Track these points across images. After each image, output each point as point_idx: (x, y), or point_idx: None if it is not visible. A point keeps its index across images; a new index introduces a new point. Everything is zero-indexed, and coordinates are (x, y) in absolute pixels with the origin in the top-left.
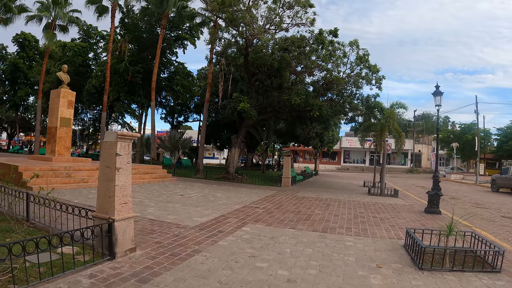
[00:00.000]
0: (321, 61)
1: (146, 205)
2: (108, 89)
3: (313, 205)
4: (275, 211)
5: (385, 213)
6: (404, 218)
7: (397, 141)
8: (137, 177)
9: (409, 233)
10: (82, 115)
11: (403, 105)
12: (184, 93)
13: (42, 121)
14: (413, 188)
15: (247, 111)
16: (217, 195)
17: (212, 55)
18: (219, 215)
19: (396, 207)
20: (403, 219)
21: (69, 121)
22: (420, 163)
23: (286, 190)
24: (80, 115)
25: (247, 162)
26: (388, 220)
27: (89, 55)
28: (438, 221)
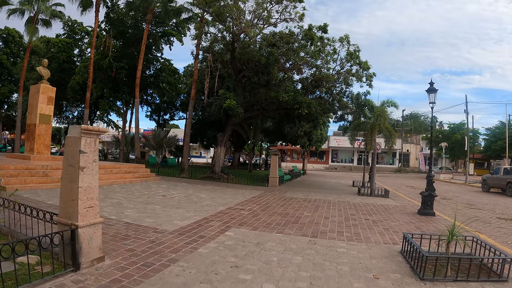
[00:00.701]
0: (310, 58)
1: (124, 206)
2: (92, 86)
3: (301, 206)
4: (261, 213)
5: (377, 214)
6: (397, 220)
7: (387, 140)
8: (119, 176)
9: (407, 238)
10: (67, 112)
11: (394, 103)
12: (170, 90)
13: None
14: (403, 188)
15: (233, 109)
16: (201, 195)
17: (198, 51)
18: (201, 218)
19: (388, 208)
20: (396, 222)
21: (49, 118)
22: (408, 162)
23: (274, 190)
24: (65, 113)
25: (234, 161)
26: (381, 223)
27: (74, 51)
28: (433, 223)
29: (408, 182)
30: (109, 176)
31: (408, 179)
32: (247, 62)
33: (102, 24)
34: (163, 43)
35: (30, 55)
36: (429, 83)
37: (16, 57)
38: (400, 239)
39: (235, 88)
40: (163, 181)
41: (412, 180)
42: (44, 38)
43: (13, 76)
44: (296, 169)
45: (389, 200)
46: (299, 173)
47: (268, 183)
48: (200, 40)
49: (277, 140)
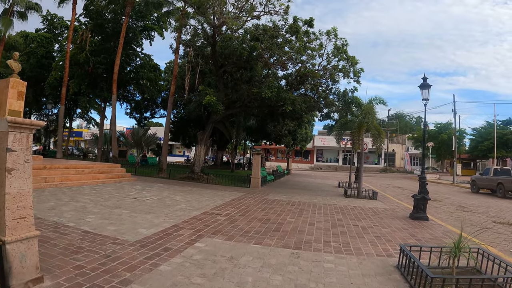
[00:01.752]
0: (294, 53)
1: (88, 211)
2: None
3: (284, 210)
4: (239, 218)
5: (366, 220)
6: (389, 226)
7: (376, 140)
8: (90, 176)
9: (405, 252)
10: (46, 110)
11: (382, 100)
12: (150, 87)
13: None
14: (390, 189)
15: (213, 105)
16: (176, 198)
17: (178, 45)
18: (171, 224)
19: (377, 212)
20: (388, 228)
21: (19, 113)
22: (393, 162)
23: (255, 192)
24: (45, 110)
25: (216, 160)
26: (371, 229)
27: (54, 46)
28: (427, 229)
29: (395, 183)
30: (79, 176)
31: (394, 179)
32: (229, 56)
33: (81, 17)
34: (144, 38)
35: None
36: (422, 78)
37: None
38: (394, 249)
39: (216, 85)
40: (139, 181)
41: (398, 180)
42: (23, 32)
43: None
44: (280, 168)
45: (378, 202)
46: (283, 173)
47: (250, 184)
48: (180, 33)
49: (260, 139)
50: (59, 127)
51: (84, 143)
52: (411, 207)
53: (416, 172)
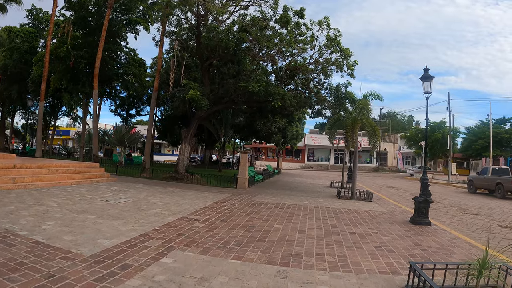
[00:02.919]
0: (284, 46)
1: (49, 217)
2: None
3: (272, 214)
4: (220, 225)
5: (363, 225)
6: (389, 233)
7: (371, 137)
8: (65, 177)
9: (416, 271)
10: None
11: (378, 95)
12: (135, 83)
13: None
14: (385, 189)
15: (197, 100)
16: (153, 200)
17: (163, 37)
18: (139, 234)
19: (374, 216)
20: (388, 235)
21: None
22: (386, 161)
23: (242, 193)
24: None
25: (205, 159)
26: (370, 237)
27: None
28: (432, 236)
29: (389, 182)
30: (53, 176)
31: (387, 178)
32: (215, 48)
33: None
34: (129, 32)
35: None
36: (424, 69)
37: None
38: (399, 263)
39: (202, 79)
40: (119, 182)
41: (391, 180)
42: (6, 27)
43: None
44: (270, 168)
45: (374, 204)
46: (273, 173)
47: (236, 184)
48: (165, 25)
49: (249, 137)
50: (39, 124)
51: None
52: (410, 210)
53: (409, 172)
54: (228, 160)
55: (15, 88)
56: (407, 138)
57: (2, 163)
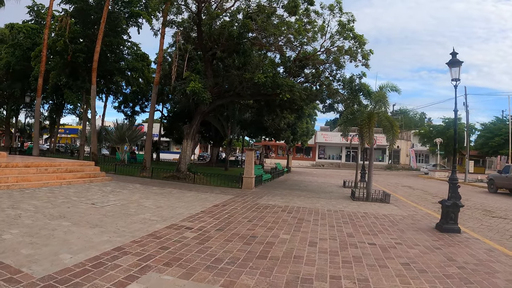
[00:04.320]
0: (293, 35)
1: (17, 223)
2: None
3: (278, 221)
4: (214, 235)
5: (384, 234)
6: (415, 245)
7: (388, 133)
8: (54, 176)
9: None
10: None
11: (395, 87)
12: (138, 78)
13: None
14: (400, 189)
15: (198, 93)
16: (145, 203)
17: (164, 29)
18: (114, 247)
19: (395, 222)
20: (415, 247)
21: None
22: (398, 159)
23: (247, 194)
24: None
25: (212, 157)
26: (394, 251)
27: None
28: (465, 248)
29: (403, 181)
30: (40, 176)
31: (401, 177)
32: (217, 37)
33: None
34: (131, 25)
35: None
36: (451, 53)
37: None
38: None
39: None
40: (114, 182)
41: (406, 178)
42: (9, 24)
43: None
44: (280, 166)
45: (391, 207)
46: (282, 171)
47: (242, 184)
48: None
49: (256, 134)
50: (35, 122)
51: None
52: (433, 213)
53: (423, 170)
54: (236, 158)
55: (18, 85)
56: (421, 135)
57: None
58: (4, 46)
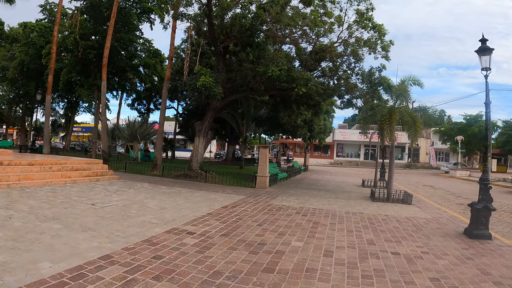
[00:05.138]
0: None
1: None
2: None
3: (290, 225)
4: (218, 242)
5: (408, 240)
6: (444, 254)
7: (410, 129)
8: (59, 175)
9: None
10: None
11: (417, 80)
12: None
13: None
14: (421, 188)
15: (209, 88)
16: (149, 204)
17: (175, 23)
18: (101, 254)
19: (419, 226)
20: (444, 257)
21: None
22: (418, 158)
23: (260, 194)
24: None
25: (227, 156)
26: (421, 262)
27: None
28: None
29: (424, 180)
30: (44, 175)
31: (421, 176)
32: (230, 29)
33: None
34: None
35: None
36: (480, 40)
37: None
38: None
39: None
40: (122, 180)
41: (426, 177)
42: (22, 23)
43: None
44: (297, 164)
45: (414, 208)
46: (299, 170)
47: (255, 183)
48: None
49: (272, 131)
50: (46, 119)
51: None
52: (458, 216)
53: (443, 169)
54: (253, 156)
55: (33, 84)
56: (441, 133)
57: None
58: (18, 45)
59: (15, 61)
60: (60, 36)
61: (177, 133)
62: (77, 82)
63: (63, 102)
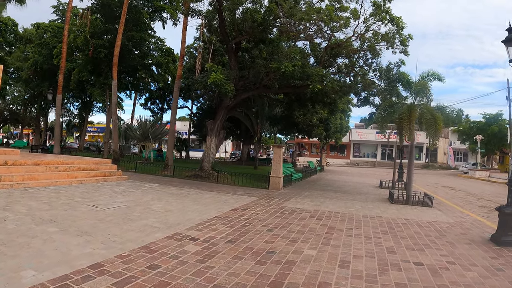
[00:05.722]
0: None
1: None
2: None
3: (303, 230)
4: (222, 250)
5: (431, 248)
6: (472, 265)
7: (430, 128)
8: (65, 175)
9: None
10: (68, 105)
11: (438, 75)
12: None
13: None
14: (441, 190)
15: (220, 85)
16: (154, 206)
17: (187, 20)
18: (92, 263)
19: (442, 231)
20: (471, 268)
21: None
22: (435, 157)
23: (273, 196)
24: (66, 105)
25: (242, 156)
26: (447, 274)
27: None
28: None
29: (443, 181)
30: (50, 175)
31: (439, 176)
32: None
33: None
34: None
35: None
36: (507, 29)
37: (11, 46)
38: None
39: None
40: (131, 181)
41: (445, 178)
42: (35, 24)
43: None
44: (312, 165)
45: (435, 211)
46: (314, 170)
47: (269, 184)
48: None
49: (287, 130)
50: (56, 119)
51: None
52: (483, 220)
53: (462, 169)
54: (268, 156)
55: (46, 84)
56: (460, 132)
57: None
58: (31, 46)
59: (29, 62)
60: (71, 35)
61: (191, 133)
62: (89, 81)
63: (77, 102)
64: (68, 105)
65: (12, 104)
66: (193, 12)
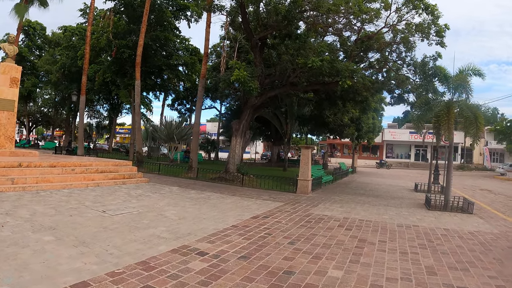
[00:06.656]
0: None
1: None
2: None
3: (330, 243)
4: (232, 269)
5: (477, 268)
6: None
7: (470, 126)
8: (81, 177)
9: None
10: (98, 106)
11: (478, 70)
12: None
13: None
14: (479, 193)
15: (244, 83)
16: (167, 213)
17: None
18: (78, 281)
19: (487, 244)
20: None
21: (12, 103)
22: (471, 158)
23: (300, 201)
24: (96, 107)
25: (272, 157)
26: None
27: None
28: None
29: (480, 183)
30: (65, 177)
31: (475, 178)
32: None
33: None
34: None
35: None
36: None
37: (40, 49)
38: None
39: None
40: (151, 184)
41: (481, 180)
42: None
43: (37, 70)
44: (344, 166)
45: (476, 219)
46: (346, 172)
47: (296, 188)
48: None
49: (317, 130)
50: (80, 120)
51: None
52: None
53: (498, 170)
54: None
55: (74, 86)
56: (496, 132)
57: (10, 160)
58: (59, 49)
59: (57, 65)
60: (93, 36)
61: (220, 134)
62: (114, 82)
63: (106, 104)
64: (98, 107)
65: (43, 106)
66: (216, 7)
